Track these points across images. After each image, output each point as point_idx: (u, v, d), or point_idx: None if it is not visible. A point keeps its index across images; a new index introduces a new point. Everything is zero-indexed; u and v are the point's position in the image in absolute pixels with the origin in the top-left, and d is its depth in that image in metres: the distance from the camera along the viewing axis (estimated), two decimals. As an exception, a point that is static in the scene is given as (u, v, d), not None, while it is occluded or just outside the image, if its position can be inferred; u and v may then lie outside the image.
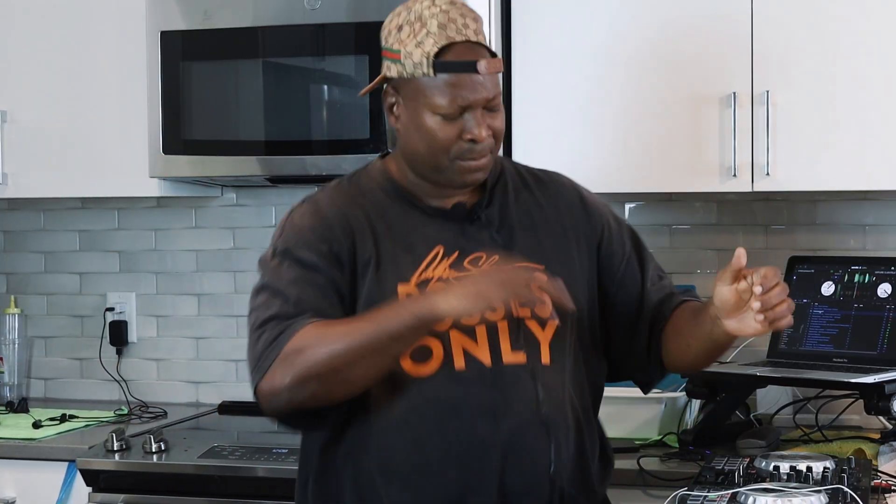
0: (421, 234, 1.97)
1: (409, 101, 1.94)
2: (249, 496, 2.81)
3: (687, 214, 3.27)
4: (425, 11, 1.92)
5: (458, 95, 1.90)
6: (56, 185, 3.32)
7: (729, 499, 2.01)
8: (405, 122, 1.96)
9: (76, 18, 3.25)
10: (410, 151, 1.97)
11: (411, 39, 1.91)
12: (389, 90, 1.98)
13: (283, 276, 1.92)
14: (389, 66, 1.95)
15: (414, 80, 1.92)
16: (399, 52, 1.92)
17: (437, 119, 1.92)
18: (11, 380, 3.62)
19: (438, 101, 1.91)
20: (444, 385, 1.90)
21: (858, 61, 2.78)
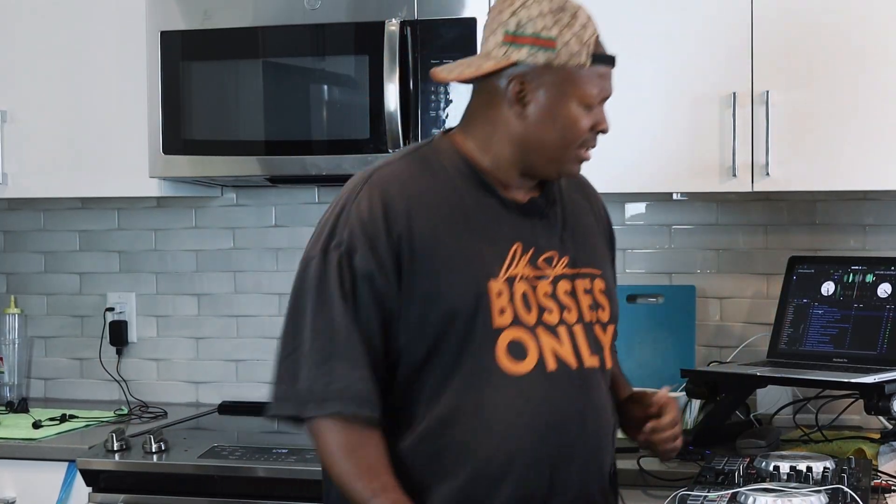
0: (500, 226, 1.92)
1: (551, 88, 1.88)
2: (249, 496, 2.81)
3: (687, 214, 3.27)
4: (569, 2, 1.89)
5: (603, 87, 1.92)
6: (56, 185, 3.32)
7: (729, 499, 2.01)
8: (538, 110, 1.89)
9: (76, 18, 3.25)
10: (537, 139, 1.90)
11: (566, 28, 1.86)
12: (521, 76, 1.88)
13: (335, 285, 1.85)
14: (535, 54, 1.86)
15: (564, 69, 1.87)
16: (554, 39, 1.86)
17: (580, 109, 1.90)
18: (11, 380, 3.62)
19: (589, 90, 1.89)
20: (539, 385, 1.88)
21: (858, 61, 2.78)
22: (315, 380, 1.83)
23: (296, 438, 3.22)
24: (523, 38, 1.87)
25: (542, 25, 1.86)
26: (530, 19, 1.86)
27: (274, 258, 3.54)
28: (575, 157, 1.94)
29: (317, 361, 1.83)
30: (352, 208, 1.88)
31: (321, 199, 3.50)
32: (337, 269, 1.85)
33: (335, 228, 1.88)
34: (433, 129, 2.90)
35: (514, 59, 1.87)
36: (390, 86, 2.87)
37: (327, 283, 1.85)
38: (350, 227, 1.86)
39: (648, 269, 3.27)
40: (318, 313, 1.85)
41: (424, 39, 2.90)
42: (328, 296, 1.84)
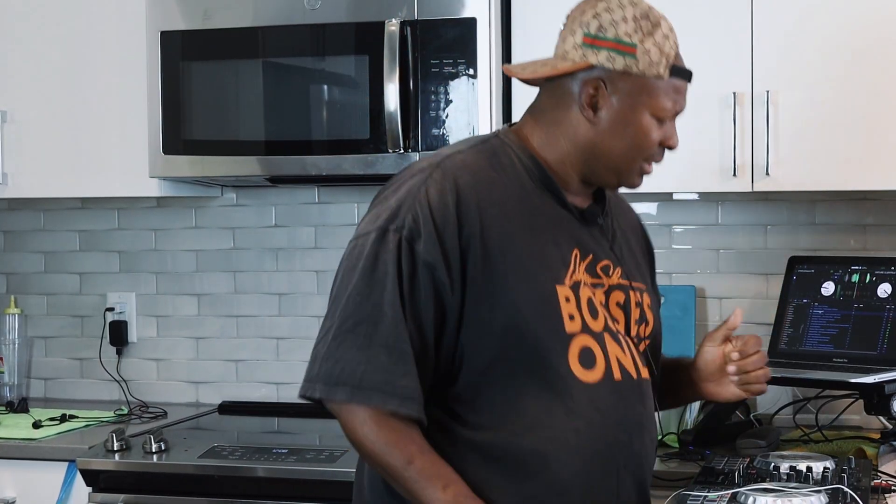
0: (562, 229, 1.87)
1: (626, 96, 1.84)
2: (249, 496, 2.81)
3: (687, 214, 3.27)
4: (653, 11, 1.86)
5: (677, 101, 1.89)
6: (56, 185, 3.32)
7: (729, 499, 2.01)
8: (610, 117, 1.85)
9: (76, 18, 3.25)
10: (604, 146, 1.86)
11: (648, 36, 1.83)
12: (596, 80, 1.84)
13: (391, 269, 1.75)
14: (612, 57, 1.82)
15: (642, 78, 1.84)
16: (634, 46, 1.82)
17: (652, 121, 1.87)
18: (11, 380, 3.62)
19: (664, 103, 1.86)
20: (608, 394, 1.85)
21: (858, 61, 2.78)
22: (354, 364, 1.74)
23: (296, 438, 3.23)
24: (603, 42, 1.83)
25: (623, 30, 1.82)
26: (613, 23, 1.82)
27: (274, 258, 3.54)
28: (639, 170, 1.91)
29: (360, 345, 1.74)
30: (419, 192, 1.78)
31: (321, 199, 3.50)
32: (395, 252, 1.75)
33: (397, 210, 1.78)
34: (433, 128, 2.90)
35: (591, 62, 1.83)
36: (390, 86, 2.87)
37: (382, 264, 1.75)
38: (415, 211, 1.77)
39: (648, 269, 3.27)
40: (367, 295, 1.75)
41: (424, 39, 2.90)
42: (381, 277, 1.75)
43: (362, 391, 1.73)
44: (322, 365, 1.76)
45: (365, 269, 1.76)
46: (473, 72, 2.89)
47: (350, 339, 1.75)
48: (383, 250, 1.76)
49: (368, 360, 1.73)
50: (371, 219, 1.80)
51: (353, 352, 1.74)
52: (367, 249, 1.77)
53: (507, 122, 2.98)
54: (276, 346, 3.55)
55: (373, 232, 1.78)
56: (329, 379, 1.75)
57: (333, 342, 1.76)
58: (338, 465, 2.77)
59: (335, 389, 1.74)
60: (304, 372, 1.79)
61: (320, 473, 2.76)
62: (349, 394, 1.73)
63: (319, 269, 3.51)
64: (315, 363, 1.78)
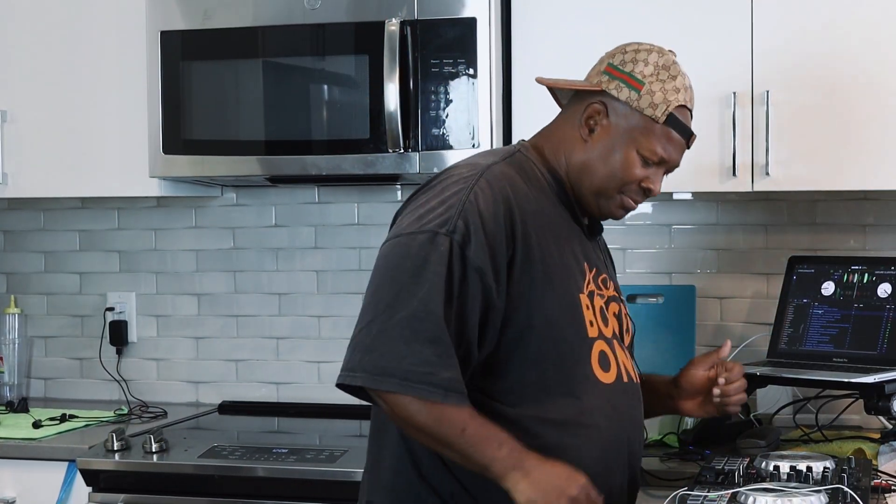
0: (576, 243, 2.00)
1: (620, 126, 1.97)
2: (249, 496, 2.81)
3: (687, 214, 3.27)
4: (677, 67, 2.01)
5: (666, 150, 2.00)
6: (56, 185, 3.32)
7: (729, 499, 2.01)
8: (602, 140, 1.98)
9: (76, 18, 3.25)
10: (585, 165, 1.99)
11: (658, 81, 1.97)
12: (602, 104, 1.98)
13: (441, 270, 1.79)
14: (620, 87, 1.97)
15: (641, 116, 1.97)
16: (642, 83, 1.97)
17: (638, 158, 1.98)
18: (11, 380, 3.62)
19: (654, 146, 1.98)
20: (620, 394, 1.99)
21: (858, 61, 2.78)
22: (400, 356, 1.77)
23: (296, 438, 3.23)
24: (619, 73, 1.98)
25: (640, 70, 1.97)
26: (634, 62, 1.98)
27: (274, 258, 3.54)
28: (617, 201, 2.01)
29: (405, 338, 1.77)
30: (468, 198, 1.85)
31: (321, 199, 3.50)
32: (447, 255, 1.81)
33: (446, 214, 1.83)
34: (433, 128, 2.90)
35: (601, 87, 1.98)
36: (390, 86, 2.87)
37: (431, 265, 1.80)
38: (465, 216, 1.83)
39: (648, 269, 3.27)
40: (413, 293, 1.79)
41: (424, 39, 2.90)
42: (430, 278, 1.79)
43: (408, 382, 1.77)
44: (365, 355, 1.79)
45: (413, 267, 1.80)
46: (473, 72, 2.89)
47: (396, 332, 1.78)
48: (433, 252, 1.81)
49: (413, 352, 1.77)
50: (414, 220, 1.85)
51: (400, 344, 1.77)
52: (413, 249, 1.82)
53: (508, 122, 2.99)
54: (276, 346, 3.55)
55: (420, 233, 1.83)
56: (374, 369, 1.78)
57: (379, 334, 1.79)
58: (338, 465, 2.77)
59: (382, 380, 1.78)
60: (344, 361, 1.82)
61: (320, 473, 2.76)
62: (396, 385, 1.77)
63: (319, 269, 3.51)
64: (356, 353, 1.80)
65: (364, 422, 3.27)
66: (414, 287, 1.79)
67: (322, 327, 3.51)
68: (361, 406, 3.42)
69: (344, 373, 1.81)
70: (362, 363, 1.79)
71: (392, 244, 1.85)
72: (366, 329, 1.80)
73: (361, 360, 1.79)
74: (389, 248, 1.85)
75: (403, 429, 1.86)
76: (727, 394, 2.14)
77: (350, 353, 1.82)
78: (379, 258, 1.86)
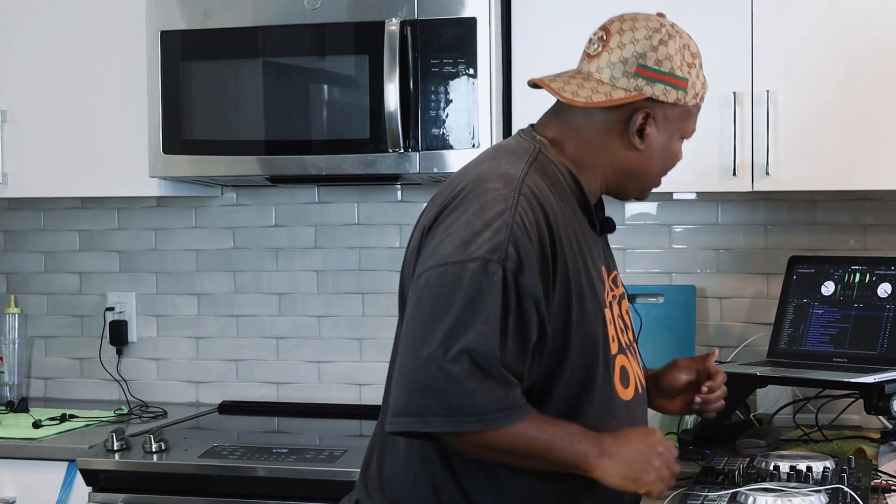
0: (595, 249, 1.94)
1: (667, 124, 1.94)
2: (249, 496, 2.81)
3: (687, 214, 3.27)
4: (693, 43, 1.95)
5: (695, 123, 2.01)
6: (56, 185, 3.32)
7: (729, 499, 2.01)
8: (654, 143, 1.94)
9: (76, 18, 3.25)
10: (643, 168, 1.96)
11: (693, 69, 1.94)
12: (648, 110, 1.91)
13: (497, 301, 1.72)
14: (667, 91, 1.90)
15: (683, 107, 1.94)
16: (686, 80, 1.92)
17: (680, 143, 1.99)
18: (11, 380, 3.62)
19: (692, 126, 1.99)
20: (637, 408, 1.97)
21: (859, 61, 2.78)
22: (469, 393, 1.69)
23: (296, 438, 3.23)
24: (659, 75, 1.90)
25: (677, 64, 1.90)
26: (668, 56, 1.90)
27: (274, 258, 3.54)
28: (656, 185, 2.04)
29: (466, 372, 1.68)
30: (514, 220, 1.75)
31: (321, 199, 3.50)
32: (501, 285, 1.72)
33: (495, 239, 1.74)
34: (433, 128, 2.90)
35: (647, 94, 1.89)
36: (390, 86, 2.87)
37: (487, 296, 1.71)
38: (515, 242, 1.74)
39: (648, 269, 3.27)
40: (469, 325, 1.69)
41: (424, 39, 2.90)
42: (485, 309, 1.70)
43: (486, 417, 1.70)
44: (431, 398, 1.69)
45: (467, 298, 1.71)
46: (473, 72, 2.89)
47: (456, 368, 1.69)
48: (487, 281, 1.72)
49: (480, 385, 1.69)
50: (460, 246, 1.74)
51: (464, 381, 1.69)
52: (466, 279, 1.72)
53: (508, 122, 2.98)
54: (276, 346, 3.55)
55: (471, 261, 1.72)
56: (447, 411, 1.69)
57: (440, 372, 1.69)
58: (338, 465, 2.77)
59: (460, 421, 1.70)
60: (398, 404, 1.72)
61: (320, 473, 2.76)
62: (476, 423, 1.70)
63: (319, 269, 3.51)
64: (417, 396, 1.70)
65: (365, 422, 3.29)
66: (469, 320, 1.69)
67: (322, 327, 3.51)
68: (361, 406, 3.45)
69: (408, 419, 1.71)
70: (429, 407, 1.69)
71: (440, 273, 1.74)
72: (422, 367, 1.69)
73: (427, 404, 1.69)
74: (437, 277, 1.74)
75: (481, 457, 1.79)
76: (708, 402, 2.10)
77: (406, 394, 1.71)
78: (424, 287, 1.75)
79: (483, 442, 1.73)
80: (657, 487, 1.82)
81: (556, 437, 1.77)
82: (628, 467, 1.80)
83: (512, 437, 1.73)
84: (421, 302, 1.74)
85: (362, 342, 3.48)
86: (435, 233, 1.80)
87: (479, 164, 1.89)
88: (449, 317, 1.70)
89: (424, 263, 1.78)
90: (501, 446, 1.74)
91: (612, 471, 1.79)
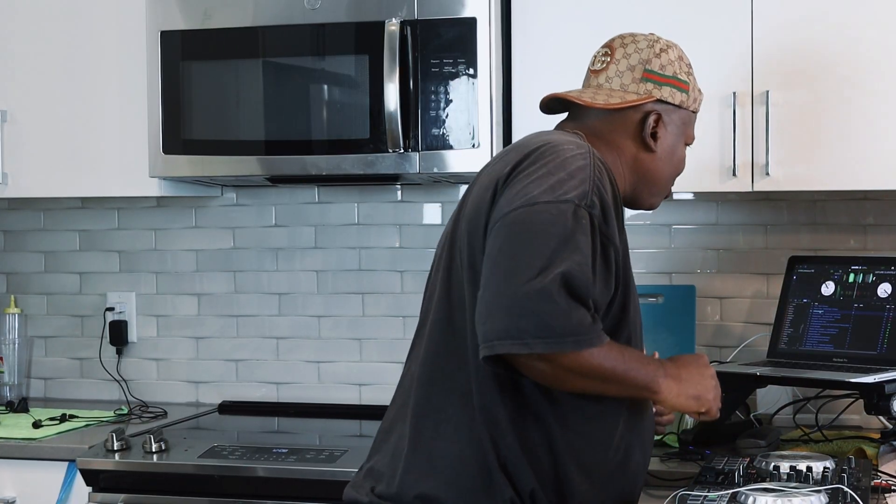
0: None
1: (673, 127, 2.08)
2: (249, 496, 2.81)
3: (687, 214, 3.27)
4: (685, 54, 2.13)
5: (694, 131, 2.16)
6: (56, 185, 3.32)
7: (729, 499, 2.01)
8: (665, 145, 2.08)
9: (76, 18, 3.25)
10: (656, 172, 2.08)
11: (690, 76, 2.11)
12: (659, 112, 2.06)
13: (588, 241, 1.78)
14: (673, 93, 2.06)
15: (685, 112, 2.10)
16: (688, 83, 2.09)
17: (684, 149, 2.14)
18: (11, 380, 3.62)
19: (693, 132, 2.15)
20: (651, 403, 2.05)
21: (858, 61, 2.78)
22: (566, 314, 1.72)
23: (296, 438, 3.23)
24: (664, 79, 2.06)
25: (678, 69, 2.08)
26: (670, 62, 2.07)
27: (274, 258, 3.54)
28: (665, 194, 2.14)
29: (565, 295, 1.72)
30: (594, 174, 1.84)
31: (321, 199, 3.50)
32: (590, 228, 1.79)
33: (581, 188, 1.80)
34: (433, 128, 2.90)
35: (656, 97, 2.05)
36: (390, 86, 2.87)
37: (580, 235, 1.77)
38: (599, 195, 1.82)
39: (648, 269, 3.27)
40: (566, 257, 1.74)
41: (424, 39, 2.90)
42: (580, 247, 1.76)
43: (580, 337, 1.74)
44: (532, 320, 1.72)
45: (564, 234, 1.76)
46: (473, 72, 2.89)
47: (558, 293, 1.72)
48: (578, 224, 1.78)
49: (579, 314, 1.74)
50: (547, 189, 1.80)
51: (569, 304, 1.73)
52: (560, 217, 1.77)
53: (508, 122, 2.98)
54: (276, 346, 3.55)
55: (563, 202, 1.78)
56: (545, 332, 1.72)
57: (538, 296, 1.71)
58: (338, 465, 2.77)
59: (558, 342, 1.73)
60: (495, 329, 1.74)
61: (320, 473, 2.76)
62: (573, 344, 1.74)
63: (319, 269, 3.51)
64: (515, 317, 1.73)
65: (365, 422, 3.29)
66: (566, 252, 1.74)
67: (322, 327, 3.51)
68: (361, 406, 3.45)
69: (508, 341, 1.73)
70: (529, 329, 1.72)
71: (531, 210, 1.78)
72: (521, 291, 1.72)
73: (527, 327, 1.71)
74: (528, 214, 1.78)
75: (564, 383, 1.82)
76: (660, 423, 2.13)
77: (503, 318, 1.73)
78: (514, 223, 1.78)
79: (573, 364, 1.77)
80: (716, 405, 1.97)
81: (632, 360, 1.85)
82: (691, 387, 1.92)
83: (599, 359, 1.78)
84: (513, 236, 1.77)
85: (362, 342, 3.49)
86: (514, 182, 1.85)
87: (539, 136, 1.98)
88: (545, 249, 1.74)
89: (510, 204, 1.81)
90: (588, 368, 1.78)
91: (677, 391, 1.90)
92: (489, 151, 2.87)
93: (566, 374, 1.79)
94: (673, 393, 1.90)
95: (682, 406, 1.93)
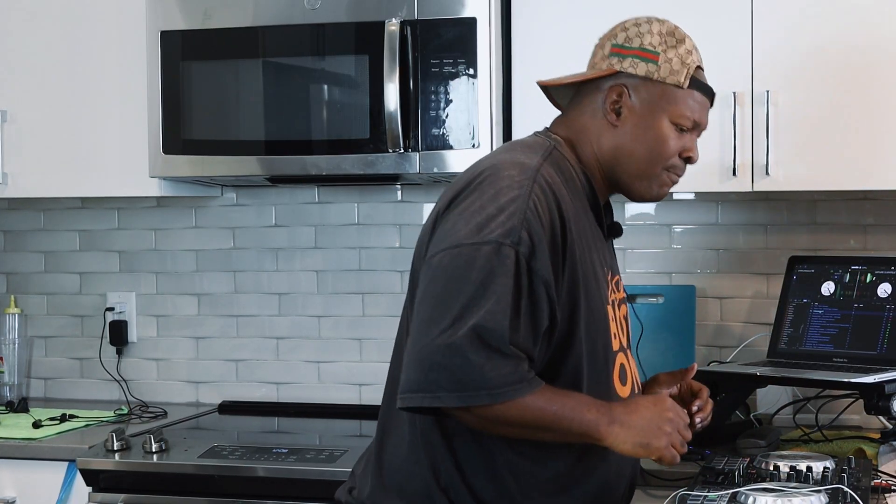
0: (600, 248, 1.95)
1: (646, 101, 1.94)
2: (249, 496, 2.81)
3: (687, 214, 3.27)
4: (678, 30, 1.98)
5: (695, 112, 1.97)
6: (56, 185, 3.32)
7: (729, 499, 2.01)
8: (631, 120, 1.94)
9: (76, 18, 3.25)
10: (627, 149, 1.95)
11: (671, 48, 1.94)
12: (620, 86, 1.94)
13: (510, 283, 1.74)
14: (636, 63, 1.93)
15: (662, 85, 1.94)
16: (657, 53, 1.94)
17: (671, 128, 1.95)
18: (11, 380, 3.62)
19: (683, 110, 1.95)
20: None
21: (859, 61, 2.78)
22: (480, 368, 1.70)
23: (296, 438, 3.23)
24: (628, 51, 1.94)
25: (648, 41, 1.94)
26: (639, 35, 1.95)
27: (274, 258, 3.54)
28: (661, 179, 1.99)
29: (477, 348, 1.70)
30: (527, 206, 1.78)
31: (321, 199, 3.50)
32: (514, 267, 1.74)
33: (509, 223, 1.76)
34: (433, 128, 2.90)
35: (616, 69, 1.94)
36: (390, 86, 2.87)
37: (498, 277, 1.73)
38: (528, 226, 1.76)
39: (648, 269, 3.27)
40: (480, 305, 1.71)
41: (424, 39, 2.90)
42: (497, 290, 1.72)
43: (496, 390, 1.71)
44: (441, 373, 1.71)
45: (480, 279, 1.73)
46: (473, 72, 2.89)
47: (466, 343, 1.70)
48: (500, 264, 1.74)
49: (489, 360, 1.71)
50: (473, 229, 1.77)
51: (474, 356, 1.70)
52: (479, 261, 1.74)
53: (508, 122, 2.98)
54: (276, 346, 3.55)
55: (484, 244, 1.75)
56: (457, 386, 1.70)
57: (450, 348, 1.70)
58: (338, 464, 2.77)
59: (471, 396, 1.71)
60: (408, 381, 1.73)
61: (320, 473, 2.76)
62: (487, 397, 1.71)
63: (319, 269, 3.51)
64: (426, 371, 1.72)
65: (365, 422, 3.29)
66: (481, 300, 1.71)
67: (322, 327, 3.51)
68: (361, 406, 3.45)
69: (420, 395, 1.72)
70: (440, 382, 1.70)
71: (453, 254, 1.76)
72: (433, 344, 1.71)
73: (438, 380, 1.70)
74: (450, 258, 1.76)
75: (492, 431, 1.81)
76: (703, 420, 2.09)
77: (418, 371, 1.72)
78: (437, 268, 1.77)
79: (493, 415, 1.74)
80: (669, 453, 1.84)
81: (566, 408, 1.77)
82: (639, 434, 1.81)
83: (521, 410, 1.74)
84: (434, 282, 1.77)
85: (362, 342, 3.49)
86: (449, 216, 1.82)
87: (495, 156, 1.93)
88: (461, 297, 1.72)
89: (438, 245, 1.80)
90: (511, 419, 1.75)
91: (623, 438, 1.80)
92: (489, 151, 2.87)
93: (490, 423, 1.78)
94: (619, 440, 1.80)
95: (631, 453, 1.82)
